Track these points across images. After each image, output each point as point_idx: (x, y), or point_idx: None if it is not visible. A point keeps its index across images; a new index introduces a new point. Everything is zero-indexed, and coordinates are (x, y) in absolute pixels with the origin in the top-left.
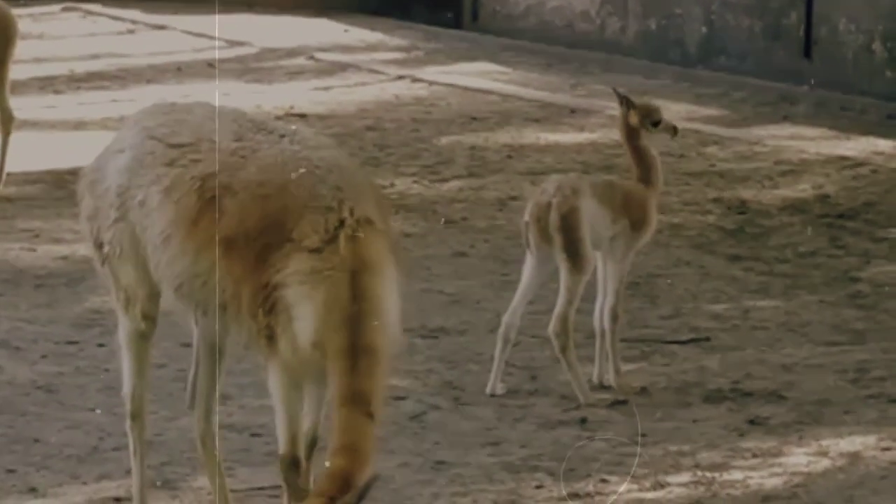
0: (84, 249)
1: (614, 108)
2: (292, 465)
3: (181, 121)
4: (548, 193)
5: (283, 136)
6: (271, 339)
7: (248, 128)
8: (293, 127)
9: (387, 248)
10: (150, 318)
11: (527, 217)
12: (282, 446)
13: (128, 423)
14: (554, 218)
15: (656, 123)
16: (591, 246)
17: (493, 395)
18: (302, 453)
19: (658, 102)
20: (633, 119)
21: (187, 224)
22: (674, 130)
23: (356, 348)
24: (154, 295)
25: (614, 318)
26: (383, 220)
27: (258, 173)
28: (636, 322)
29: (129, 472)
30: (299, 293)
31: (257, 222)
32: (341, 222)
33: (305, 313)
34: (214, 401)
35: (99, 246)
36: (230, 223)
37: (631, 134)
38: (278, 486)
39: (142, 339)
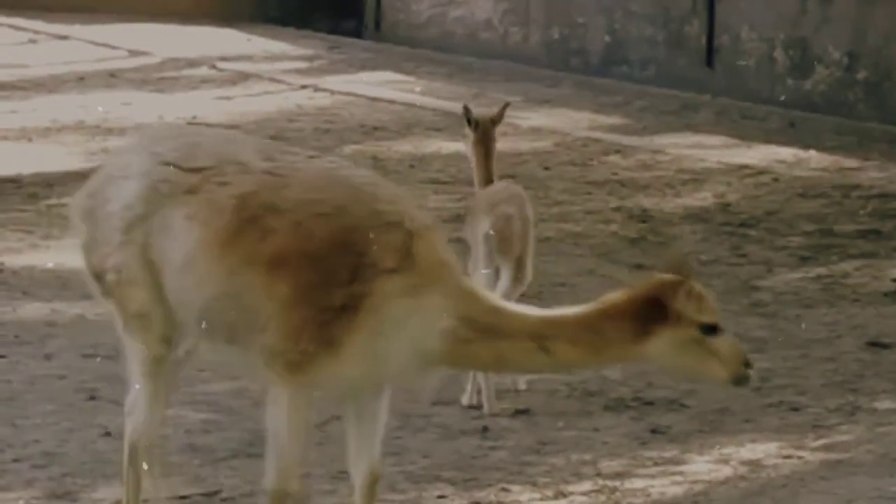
0: None
1: (515, 117)
2: (283, 501)
3: (194, 144)
4: None
5: (310, 156)
6: (299, 365)
7: (272, 149)
8: (299, 150)
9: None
10: (167, 341)
11: None
12: (272, 478)
13: (126, 456)
14: None
15: None
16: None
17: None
18: (295, 488)
19: (559, 111)
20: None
21: (219, 245)
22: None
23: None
24: (171, 317)
25: None
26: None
27: (307, 192)
28: None
29: (28, 483)
30: (403, 310)
31: (318, 243)
32: (409, 235)
33: (416, 323)
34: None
35: (99, 276)
36: (279, 243)
37: (492, 147)
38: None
39: (159, 365)
